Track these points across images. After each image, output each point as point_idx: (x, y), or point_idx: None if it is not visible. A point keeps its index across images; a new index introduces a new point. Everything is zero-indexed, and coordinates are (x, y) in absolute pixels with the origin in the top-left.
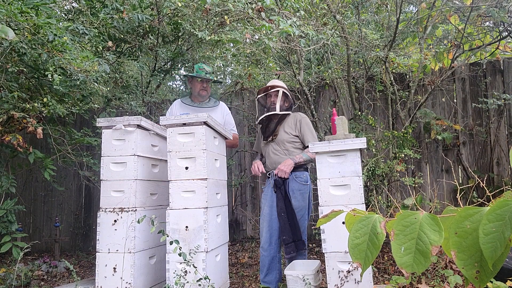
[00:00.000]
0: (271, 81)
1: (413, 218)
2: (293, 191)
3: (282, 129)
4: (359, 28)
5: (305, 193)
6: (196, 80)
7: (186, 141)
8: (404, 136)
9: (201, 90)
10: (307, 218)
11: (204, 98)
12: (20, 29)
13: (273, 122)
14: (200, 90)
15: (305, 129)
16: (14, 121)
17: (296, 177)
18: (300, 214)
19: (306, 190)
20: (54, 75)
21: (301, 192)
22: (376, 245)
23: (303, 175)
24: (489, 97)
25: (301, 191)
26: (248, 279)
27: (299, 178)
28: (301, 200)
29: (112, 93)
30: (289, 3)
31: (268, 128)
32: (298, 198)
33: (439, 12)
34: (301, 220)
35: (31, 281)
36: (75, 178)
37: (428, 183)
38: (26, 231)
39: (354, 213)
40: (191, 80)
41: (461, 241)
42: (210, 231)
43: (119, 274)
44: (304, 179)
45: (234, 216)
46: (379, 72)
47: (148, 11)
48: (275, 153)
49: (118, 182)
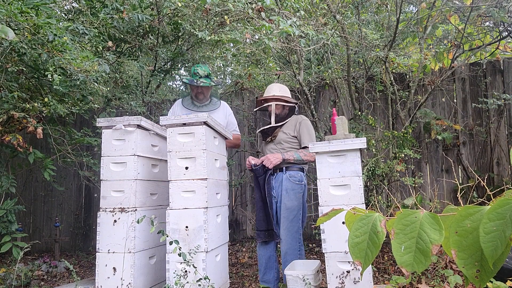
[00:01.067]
0: (269, 88)
1: (414, 217)
2: (287, 191)
3: (282, 130)
4: (359, 28)
5: (298, 193)
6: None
7: (186, 141)
8: (404, 136)
9: (197, 94)
10: (302, 218)
11: (203, 101)
12: (20, 29)
13: (271, 130)
14: (197, 93)
15: (304, 130)
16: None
17: (290, 176)
18: (293, 214)
19: (300, 190)
20: (54, 75)
21: (295, 191)
22: (376, 244)
23: (297, 175)
24: (489, 97)
25: (294, 191)
26: (248, 279)
27: (292, 177)
28: (294, 200)
29: (112, 93)
30: (289, 3)
31: (268, 134)
32: (291, 197)
33: (439, 12)
34: (294, 220)
35: (31, 281)
36: (75, 178)
37: (428, 183)
38: (26, 231)
39: (354, 211)
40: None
41: (461, 240)
42: (210, 231)
43: (119, 274)
44: (298, 178)
45: (234, 216)
46: (379, 72)
47: (148, 11)
48: (271, 152)
49: (118, 182)
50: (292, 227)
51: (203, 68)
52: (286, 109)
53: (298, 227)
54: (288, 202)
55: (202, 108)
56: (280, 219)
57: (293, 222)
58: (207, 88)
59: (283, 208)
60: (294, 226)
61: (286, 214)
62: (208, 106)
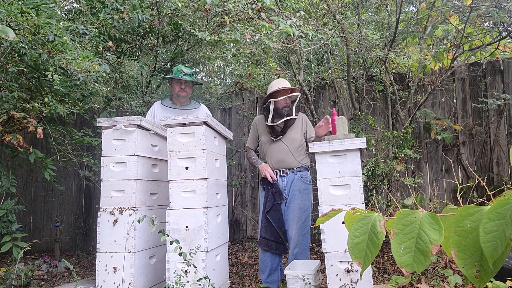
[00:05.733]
0: (281, 81)
1: (413, 217)
2: (300, 191)
3: (290, 129)
4: (359, 28)
5: (310, 193)
6: (175, 81)
7: (186, 141)
8: (404, 136)
9: (179, 91)
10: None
11: (184, 99)
12: (20, 29)
13: (287, 125)
14: (179, 91)
15: (310, 125)
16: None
17: (302, 177)
18: (306, 213)
19: (311, 190)
20: (54, 75)
21: (307, 191)
22: (376, 244)
23: (307, 175)
24: (488, 97)
25: (307, 191)
26: (248, 279)
27: (304, 177)
28: (307, 200)
29: (112, 93)
30: (289, 3)
31: (282, 130)
32: (305, 197)
33: (439, 12)
34: (306, 220)
35: (31, 281)
36: (75, 178)
37: (428, 183)
38: (26, 231)
39: (354, 212)
40: (171, 82)
41: (461, 240)
42: (210, 231)
43: (119, 274)
44: (308, 178)
45: (234, 216)
46: (379, 72)
47: (148, 11)
48: (280, 151)
49: (118, 182)
50: (303, 227)
51: (187, 68)
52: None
53: (309, 227)
54: (301, 202)
55: (184, 107)
56: (289, 220)
57: (306, 222)
58: (190, 86)
59: (296, 209)
60: (306, 226)
61: (299, 214)
62: (189, 105)
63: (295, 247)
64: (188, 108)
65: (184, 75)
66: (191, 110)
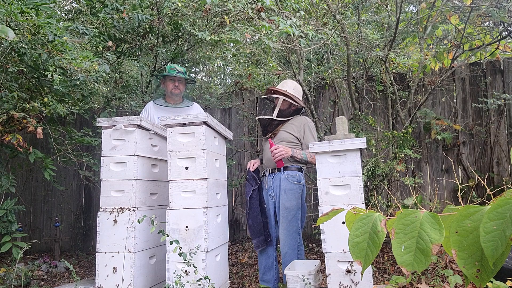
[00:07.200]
0: (284, 82)
1: (414, 216)
2: (285, 191)
3: (284, 129)
4: (359, 28)
5: (296, 193)
6: (168, 79)
7: (186, 141)
8: (404, 136)
9: (173, 89)
10: (301, 218)
11: (177, 97)
12: (20, 29)
13: (272, 125)
14: (172, 89)
15: (308, 133)
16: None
17: (288, 177)
18: (292, 214)
19: (298, 190)
20: (54, 75)
21: (293, 191)
22: (376, 244)
23: (295, 175)
24: (489, 97)
25: (293, 191)
26: (248, 279)
27: (291, 177)
28: (293, 200)
29: (112, 93)
30: (289, 3)
31: (266, 128)
32: (290, 197)
33: (439, 12)
34: (292, 220)
35: (31, 281)
36: (75, 178)
37: (428, 183)
38: (26, 231)
39: (355, 211)
40: (164, 80)
41: (461, 240)
42: (210, 231)
43: (119, 274)
44: (296, 178)
45: (234, 216)
46: (379, 72)
47: (148, 11)
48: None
49: (118, 182)
50: (291, 227)
51: (180, 66)
52: (291, 109)
53: (297, 227)
54: (286, 202)
55: (177, 105)
56: (279, 219)
57: (292, 222)
58: (183, 84)
59: (282, 208)
60: (293, 226)
61: (285, 214)
62: (183, 103)
63: (283, 246)
64: (181, 106)
65: (178, 72)
66: (184, 109)
